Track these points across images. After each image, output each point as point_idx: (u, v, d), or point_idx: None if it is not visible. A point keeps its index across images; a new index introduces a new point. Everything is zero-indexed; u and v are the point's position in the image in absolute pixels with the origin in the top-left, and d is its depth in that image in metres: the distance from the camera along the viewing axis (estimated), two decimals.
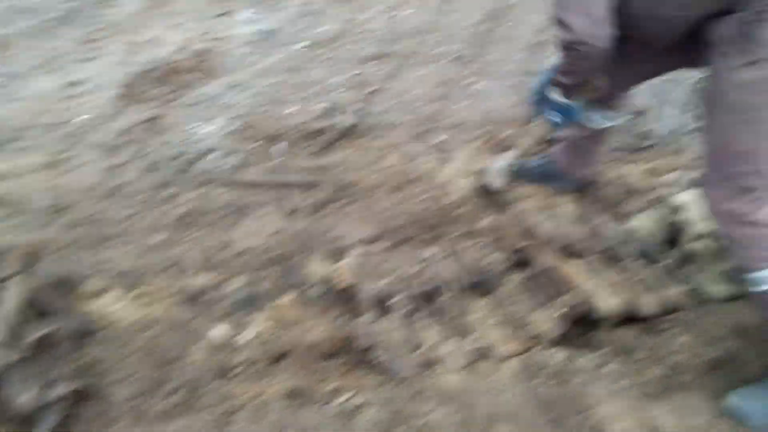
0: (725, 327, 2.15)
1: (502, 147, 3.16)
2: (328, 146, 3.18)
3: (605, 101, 2.53)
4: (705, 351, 2.07)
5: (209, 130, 3.33)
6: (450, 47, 4.22)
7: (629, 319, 2.17)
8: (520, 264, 2.36)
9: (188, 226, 2.64)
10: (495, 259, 2.38)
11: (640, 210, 2.67)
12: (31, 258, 2.30)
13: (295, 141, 3.21)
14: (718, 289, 2.28)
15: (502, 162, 2.72)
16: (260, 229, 2.61)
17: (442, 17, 4.69)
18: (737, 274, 1.93)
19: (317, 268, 2.37)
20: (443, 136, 3.27)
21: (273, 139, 3.23)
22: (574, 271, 2.23)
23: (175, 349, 2.07)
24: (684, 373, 1.97)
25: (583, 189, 2.86)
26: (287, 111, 3.49)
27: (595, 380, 1.93)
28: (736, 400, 1.87)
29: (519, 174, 2.89)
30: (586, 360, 1.99)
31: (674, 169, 2.88)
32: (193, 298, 2.28)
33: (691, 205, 2.45)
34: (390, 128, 3.33)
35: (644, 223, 2.60)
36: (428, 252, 2.44)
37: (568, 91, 2.19)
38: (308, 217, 2.69)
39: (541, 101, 2.31)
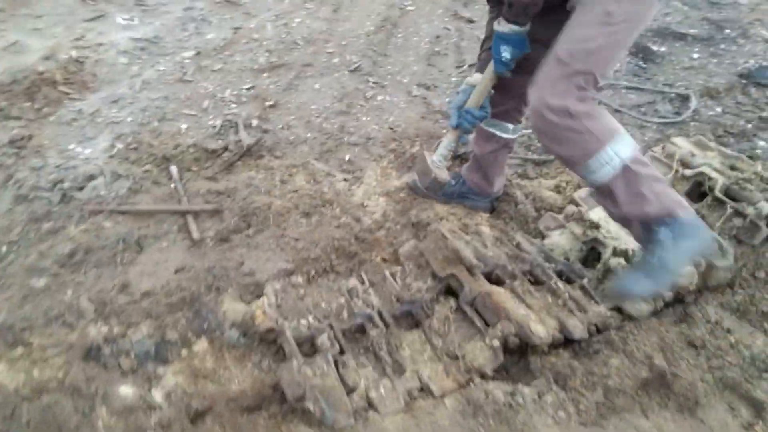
0: (651, 345, 2.22)
1: (413, 163, 3.11)
2: (229, 167, 2.96)
3: (513, 110, 2.55)
4: (636, 371, 2.12)
5: (91, 152, 2.99)
6: (346, 58, 4.11)
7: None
8: (447, 292, 2.30)
9: (76, 267, 2.33)
10: (420, 287, 2.30)
11: (554, 227, 2.72)
12: None
13: (192, 162, 2.96)
14: (639, 307, 2.35)
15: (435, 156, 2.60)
16: (161, 266, 2.36)
17: (334, 26, 4.57)
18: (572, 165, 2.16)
19: (232, 308, 2.17)
20: (350, 154, 3.15)
21: (166, 160, 2.95)
22: (503, 297, 2.20)
23: (75, 418, 1.78)
24: (618, 396, 1.99)
25: (495, 205, 2.88)
26: (179, 128, 3.22)
27: (537, 413, 1.90)
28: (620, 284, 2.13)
29: (431, 192, 2.85)
30: (525, 392, 1.96)
31: (580, 185, 2.96)
32: (91, 354, 1.99)
33: (605, 222, 2.52)
34: (293, 146, 3.17)
35: (559, 241, 2.64)
36: (350, 282, 2.31)
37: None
38: (215, 249, 2.47)
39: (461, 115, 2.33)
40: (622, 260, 2.44)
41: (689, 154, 2.83)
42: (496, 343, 2.07)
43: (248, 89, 3.64)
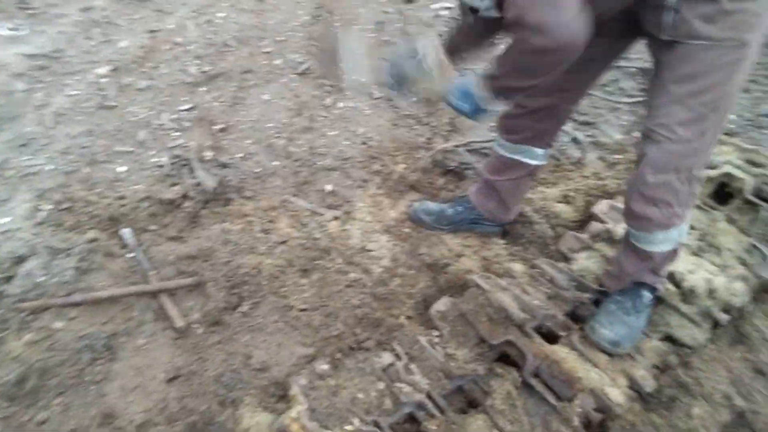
0: (721, 380, 2.02)
1: (404, 185, 2.72)
2: (194, 220, 2.45)
3: (549, 132, 2.22)
4: (718, 416, 1.91)
5: (9, 221, 2.36)
6: (289, 58, 3.59)
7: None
8: (499, 359, 1.97)
9: (32, 398, 1.79)
10: (466, 356, 1.95)
11: (579, 249, 2.44)
12: None
13: (147, 220, 2.41)
14: (692, 334, 2.13)
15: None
16: (148, 376, 1.87)
17: (263, 18, 4.00)
18: None
19: (255, 424, 1.73)
20: (330, 183, 2.71)
21: (113, 222, 2.38)
22: (570, 362, 1.90)
23: None
24: None
25: (508, 228, 2.57)
26: (116, 173, 2.63)
27: None
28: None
29: (437, 224, 2.49)
30: None
31: (596, 193, 2.70)
32: None
33: None
34: (262, 181, 2.68)
35: (589, 265, 2.37)
36: (384, 360, 1.93)
37: (509, 93, 1.81)
38: (208, 337, 2.00)
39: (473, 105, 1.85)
40: (669, 285, 2.21)
41: None
42: (576, 422, 1.78)
43: (188, 110, 3.07)
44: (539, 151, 2.25)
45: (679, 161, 1.76)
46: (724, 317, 2.19)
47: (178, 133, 2.89)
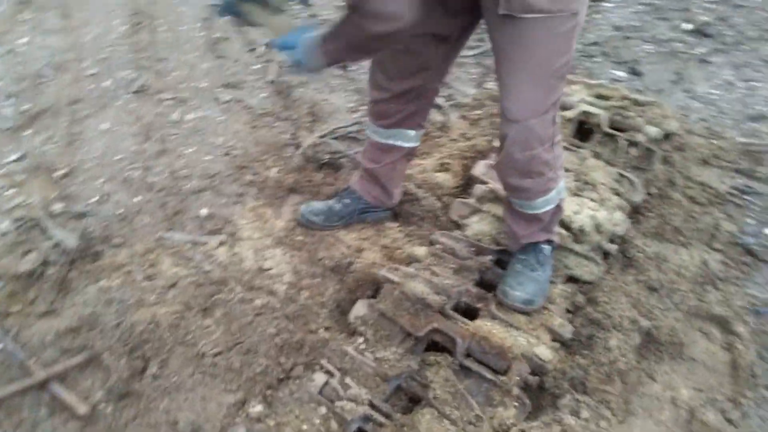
0: (625, 306, 2.18)
1: (282, 190, 2.60)
2: (63, 287, 2.17)
3: (417, 113, 2.21)
4: (630, 341, 2.07)
5: None
6: (118, 76, 3.27)
7: None
8: (431, 347, 1.97)
9: None
10: (396, 353, 1.94)
11: (469, 214, 2.49)
12: None
13: (7, 302, 2.10)
14: (590, 270, 2.28)
15: None
16: None
17: (76, 38, 3.59)
18: None
19: None
20: (204, 207, 2.52)
21: None
22: (497, 333, 1.94)
23: None
24: (630, 374, 2.00)
25: (397, 209, 2.56)
26: None
27: None
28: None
29: (328, 222, 2.42)
30: (564, 419, 1.78)
31: (469, 154, 2.75)
32: None
33: None
34: (129, 223, 2.44)
35: (482, 227, 2.43)
36: (318, 381, 1.85)
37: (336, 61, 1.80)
38: (120, 415, 1.80)
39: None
40: (561, 229, 2.32)
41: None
42: (516, 390, 1.82)
43: (17, 161, 2.69)
44: (411, 132, 2.25)
45: (540, 134, 1.83)
46: (612, 247, 2.35)
47: (12, 191, 2.53)
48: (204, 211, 2.50)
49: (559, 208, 2.10)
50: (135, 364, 1.91)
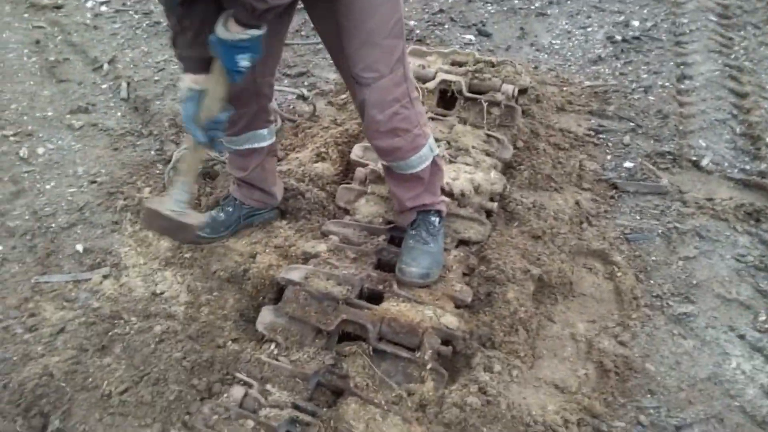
0: (515, 257, 2.29)
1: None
2: None
3: (258, 113, 2.18)
4: (526, 289, 2.18)
5: None
6: None
7: None
8: (343, 338, 1.98)
9: None
10: (309, 353, 1.94)
11: (355, 198, 2.51)
12: None
13: None
14: (480, 230, 2.38)
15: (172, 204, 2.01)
16: None
17: None
18: None
19: None
20: (79, 243, 2.36)
21: None
22: (404, 312, 1.98)
23: None
24: (532, 322, 2.04)
25: (283, 207, 2.53)
26: None
27: (504, 386, 1.86)
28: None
29: (214, 233, 2.35)
30: (478, 377, 1.87)
31: (343, 140, 2.77)
32: None
33: None
34: None
35: (370, 209, 2.47)
36: (236, 394, 1.81)
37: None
38: None
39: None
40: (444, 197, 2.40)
41: (420, 68, 2.83)
42: (431, 363, 1.89)
43: None
44: (263, 131, 2.24)
45: (395, 92, 1.90)
46: (493, 205, 2.47)
47: None
48: (80, 247, 2.34)
49: (437, 166, 2.17)
50: (33, 422, 1.77)
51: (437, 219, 2.22)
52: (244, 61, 1.72)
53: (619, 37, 3.89)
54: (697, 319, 2.18)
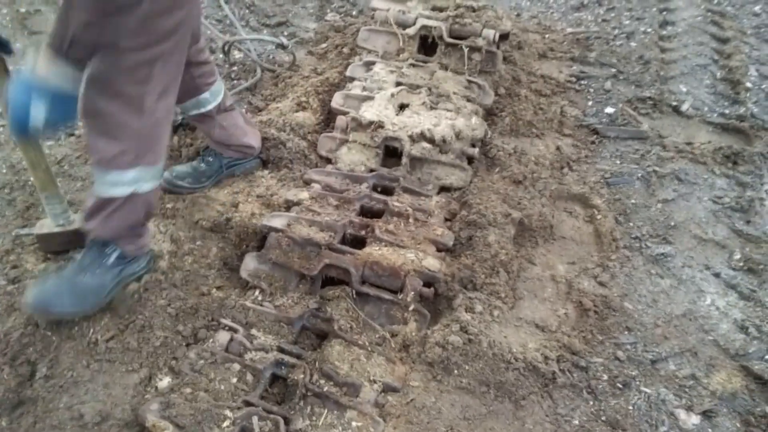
0: (496, 202, 2.31)
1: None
2: None
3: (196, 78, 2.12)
4: (506, 233, 2.20)
5: None
6: None
7: None
8: (327, 283, 1.99)
9: None
10: (294, 297, 1.96)
11: (337, 147, 2.50)
12: None
13: None
14: (458, 177, 2.38)
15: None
16: None
17: None
18: None
19: None
20: None
21: None
22: (386, 255, 2.00)
23: None
24: (513, 264, 2.07)
25: (264, 156, 2.51)
26: None
27: (485, 326, 1.89)
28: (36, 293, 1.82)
29: (196, 183, 2.34)
30: (462, 318, 1.90)
31: (324, 89, 2.73)
32: None
33: (385, 117, 2.40)
34: None
35: (352, 157, 2.46)
36: (221, 339, 1.84)
37: None
38: (18, 427, 1.69)
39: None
40: (425, 144, 2.40)
41: (400, 14, 2.79)
42: (413, 304, 1.92)
43: None
44: (205, 95, 2.18)
45: None
46: (475, 151, 2.48)
47: None
48: None
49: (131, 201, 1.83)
50: (21, 370, 1.78)
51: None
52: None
53: None
54: (674, 259, 2.23)
